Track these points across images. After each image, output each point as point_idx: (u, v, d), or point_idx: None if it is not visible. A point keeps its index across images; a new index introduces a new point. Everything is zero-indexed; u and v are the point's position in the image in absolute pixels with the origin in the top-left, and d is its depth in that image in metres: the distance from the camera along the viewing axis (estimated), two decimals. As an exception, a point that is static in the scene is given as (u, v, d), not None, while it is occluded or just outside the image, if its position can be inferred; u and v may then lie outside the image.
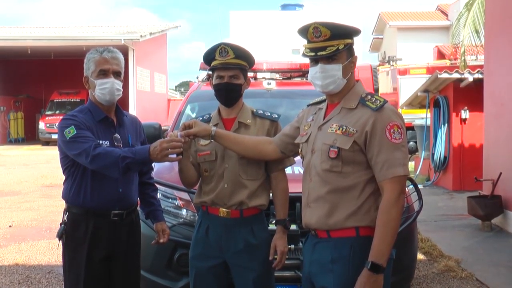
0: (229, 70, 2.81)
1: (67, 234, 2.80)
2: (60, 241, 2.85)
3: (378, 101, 2.29)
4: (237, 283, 2.82)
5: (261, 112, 2.94)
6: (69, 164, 2.80)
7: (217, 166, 2.81)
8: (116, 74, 2.81)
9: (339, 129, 2.30)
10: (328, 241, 2.31)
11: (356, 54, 2.44)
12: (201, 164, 2.86)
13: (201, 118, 2.94)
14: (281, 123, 2.94)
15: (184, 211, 3.54)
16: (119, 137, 2.85)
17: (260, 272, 2.78)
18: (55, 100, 25.46)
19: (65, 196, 2.85)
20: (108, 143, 2.78)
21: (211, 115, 2.95)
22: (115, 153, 2.61)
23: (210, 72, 2.95)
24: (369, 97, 2.33)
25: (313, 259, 2.37)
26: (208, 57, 2.87)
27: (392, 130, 2.23)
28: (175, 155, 2.62)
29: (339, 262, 2.26)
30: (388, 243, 2.18)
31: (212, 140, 2.76)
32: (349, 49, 2.37)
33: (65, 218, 2.82)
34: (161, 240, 3.01)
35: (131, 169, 2.63)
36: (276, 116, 2.94)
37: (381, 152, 2.23)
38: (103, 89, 2.77)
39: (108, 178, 2.74)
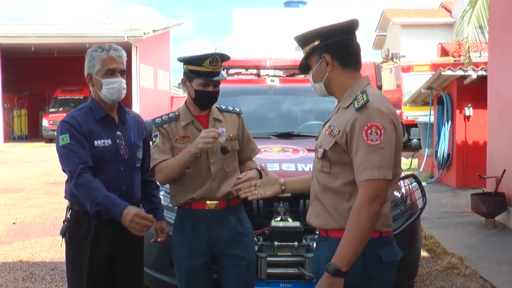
0: (216, 80, 2.86)
1: (70, 232, 2.80)
2: (63, 239, 2.85)
3: (362, 100, 2.15)
4: (228, 274, 2.86)
5: (225, 107, 3.04)
6: (70, 163, 2.79)
7: (201, 162, 2.85)
8: (122, 73, 2.81)
9: (327, 129, 2.25)
10: (327, 240, 2.28)
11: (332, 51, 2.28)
12: None
13: (167, 117, 2.93)
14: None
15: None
16: (121, 135, 2.84)
17: (250, 260, 2.91)
18: (58, 98, 25.49)
19: (67, 195, 2.84)
20: (110, 141, 2.78)
21: (176, 114, 2.95)
22: (96, 192, 2.63)
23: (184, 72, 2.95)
24: (360, 95, 2.20)
25: (315, 256, 2.40)
26: (195, 61, 2.84)
27: (369, 131, 2.09)
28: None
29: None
30: (351, 248, 2.06)
31: (191, 137, 2.81)
32: (314, 52, 2.29)
33: (68, 216, 2.82)
34: (159, 239, 3.02)
35: (102, 216, 2.66)
36: (238, 110, 3.05)
37: (357, 153, 2.11)
38: (111, 88, 2.76)
39: (111, 176, 2.74)
